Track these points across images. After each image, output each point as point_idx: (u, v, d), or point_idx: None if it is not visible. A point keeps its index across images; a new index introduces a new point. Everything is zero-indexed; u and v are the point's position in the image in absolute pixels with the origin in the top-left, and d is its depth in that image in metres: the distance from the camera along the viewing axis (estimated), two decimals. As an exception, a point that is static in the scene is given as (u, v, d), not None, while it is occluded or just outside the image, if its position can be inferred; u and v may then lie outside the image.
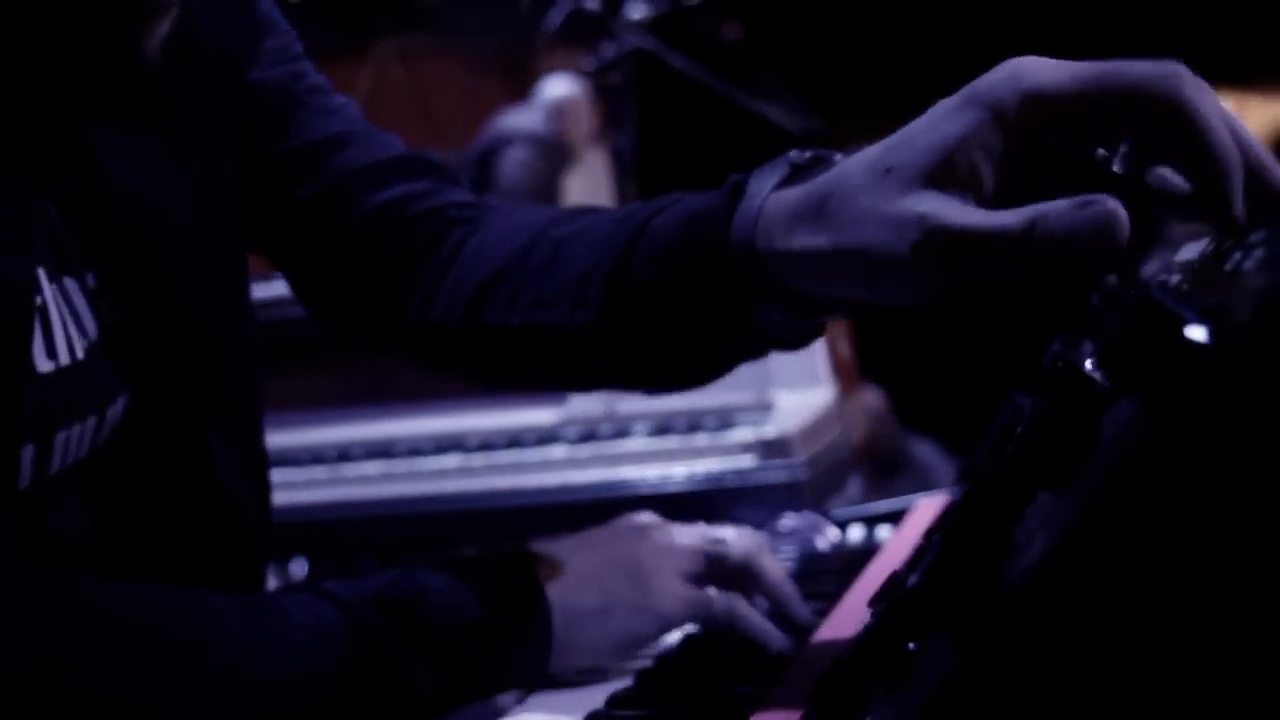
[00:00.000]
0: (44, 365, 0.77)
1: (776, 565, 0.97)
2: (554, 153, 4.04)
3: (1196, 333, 0.44)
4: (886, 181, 0.69)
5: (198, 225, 0.88)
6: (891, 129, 0.71)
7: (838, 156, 0.77)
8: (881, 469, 2.57)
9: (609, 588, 0.88)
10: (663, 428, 1.66)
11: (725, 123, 2.32)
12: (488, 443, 1.70)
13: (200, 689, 0.72)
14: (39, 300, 0.77)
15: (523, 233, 0.95)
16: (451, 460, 1.68)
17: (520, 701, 0.89)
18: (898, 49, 4.08)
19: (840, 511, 1.24)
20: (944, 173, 0.68)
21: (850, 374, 1.87)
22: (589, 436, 1.68)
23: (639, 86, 2.29)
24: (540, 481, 1.60)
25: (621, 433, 1.67)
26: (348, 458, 1.72)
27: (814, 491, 1.56)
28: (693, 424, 1.66)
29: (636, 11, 2.88)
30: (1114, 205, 0.62)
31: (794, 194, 0.75)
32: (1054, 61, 0.66)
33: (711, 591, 0.92)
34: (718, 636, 0.98)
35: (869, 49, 4.13)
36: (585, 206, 0.99)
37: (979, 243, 0.66)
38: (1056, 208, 0.64)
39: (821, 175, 0.74)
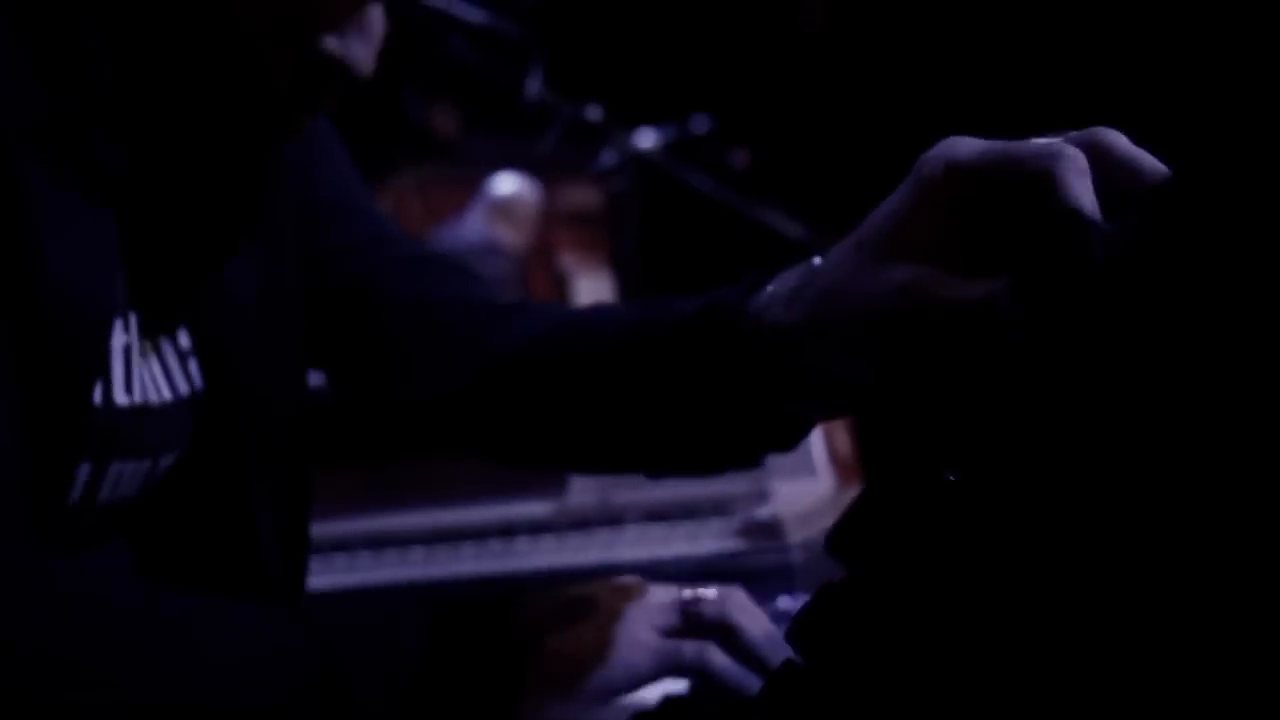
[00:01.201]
0: (121, 399, 0.86)
1: (757, 620, 0.96)
2: (496, 259, 4.04)
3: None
4: (861, 255, 0.78)
5: (264, 310, 0.96)
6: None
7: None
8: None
9: (580, 637, 0.88)
10: (657, 515, 1.65)
11: (727, 228, 2.35)
12: (480, 532, 1.69)
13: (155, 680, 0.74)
14: (125, 341, 0.86)
15: (548, 321, 1.05)
16: (441, 550, 1.67)
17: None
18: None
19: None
20: (906, 241, 0.75)
21: (850, 468, 1.85)
22: (582, 524, 1.67)
23: (641, 191, 2.32)
24: (531, 564, 1.59)
25: (614, 520, 1.66)
26: (342, 548, 1.72)
27: (810, 577, 1.54)
28: (687, 512, 1.65)
29: (646, 140, 2.93)
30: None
31: (793, 277, 0.85)
32: (975, 140, 0.74)
33: (683, 642, 0.91)
34: (700, 698, 0.96)
35: (877, 177, 4.18)
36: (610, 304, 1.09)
37: (955, 308, 0.72)
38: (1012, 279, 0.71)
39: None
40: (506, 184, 4.37)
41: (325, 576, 1.67)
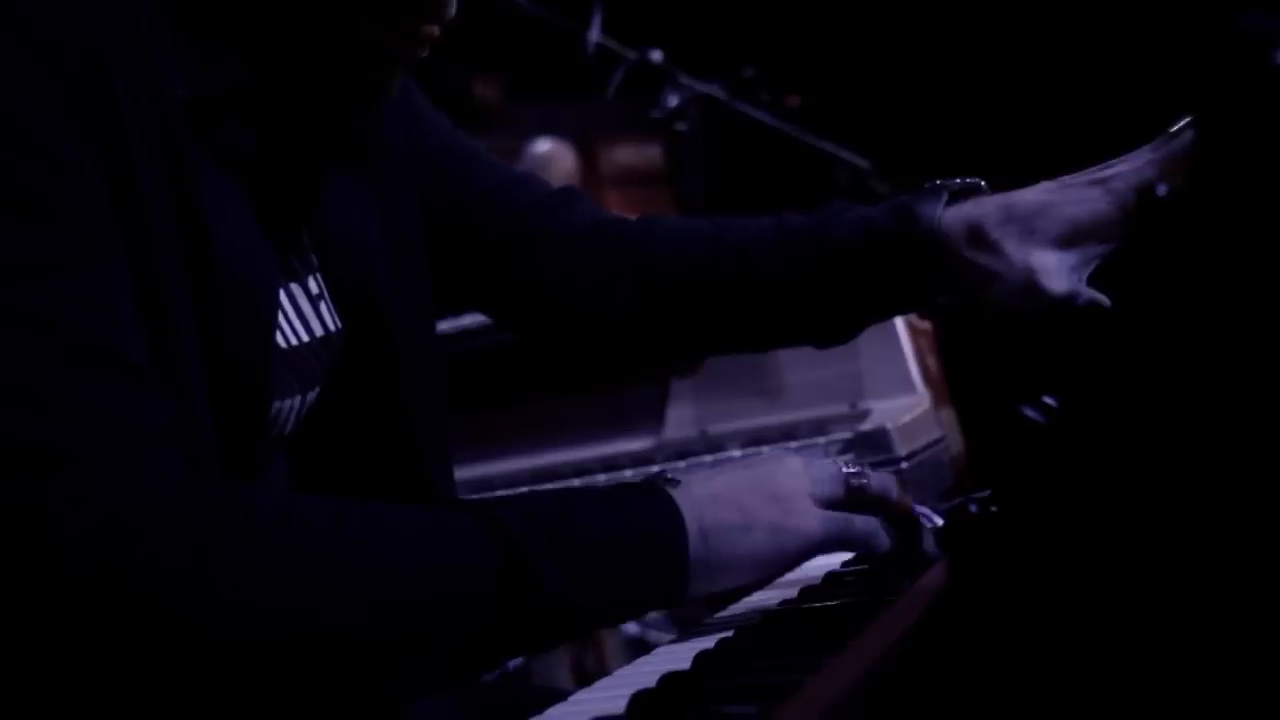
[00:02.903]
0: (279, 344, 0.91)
1: (909, 500, 0.97)
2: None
3: None
4: (1064, 183, 1.06)
5: (390, 251, 1.01)
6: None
7: (982, 184, 1.07)
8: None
9: (748, 506, 0.89)
10: (757, 440, 1.66)
11: (792, 162, 2.35)
12: (583, 469, 1.70)
13: (354, 584, 0.76)
14: None
15: (698, 222, 1.17)
16: (548, 488, 1.68)
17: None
18: (958, 120, 4.11)
19: (947, 504, 1.22)
20: (1070, 240, 1.04)
21: (941, 389, 1.85)
22: (683, 455, 1.67)
23: (705, 131, 2.32)
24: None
25: (715, 448, 1.66)
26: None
27: (916, 489, 1.54)
28: (787, 434, 1.66)
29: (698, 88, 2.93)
30: None
31: (973, 210, 1.06)
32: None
33: (854, 515, 0.93)
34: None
35: (926, 118, 4.16)
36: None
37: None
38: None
39: (1021, 198, 1.06)
40: (540, 145, 4.36)
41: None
